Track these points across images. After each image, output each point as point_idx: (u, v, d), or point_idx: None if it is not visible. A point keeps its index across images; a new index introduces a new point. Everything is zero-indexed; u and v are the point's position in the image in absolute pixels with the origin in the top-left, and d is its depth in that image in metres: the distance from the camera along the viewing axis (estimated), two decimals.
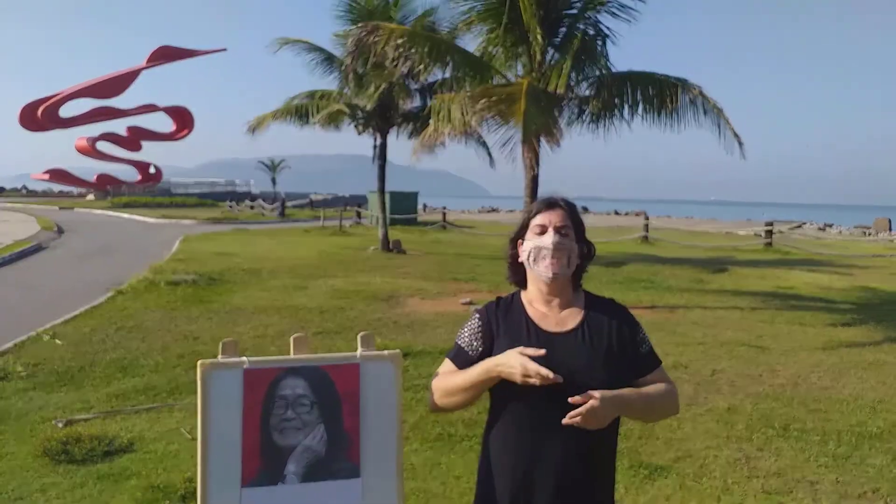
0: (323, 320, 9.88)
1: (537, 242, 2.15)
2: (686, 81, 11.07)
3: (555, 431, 2.01)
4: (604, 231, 30.81)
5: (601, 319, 2.16)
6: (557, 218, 2.16)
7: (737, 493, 4.53)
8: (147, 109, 62.24)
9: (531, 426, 2.06)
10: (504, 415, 2.13)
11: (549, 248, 2.12)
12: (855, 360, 8.14)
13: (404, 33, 11.05)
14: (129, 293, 11.76)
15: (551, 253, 2.12)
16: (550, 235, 2.13)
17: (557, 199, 2.23)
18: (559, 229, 2.15)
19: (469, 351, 2.19)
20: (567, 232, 2.16)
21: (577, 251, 2.18)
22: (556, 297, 2.19)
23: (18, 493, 4.34)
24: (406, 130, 20.55)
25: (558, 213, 2.18)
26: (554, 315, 2.17)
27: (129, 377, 6.93)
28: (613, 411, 1.97)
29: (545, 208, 2.20)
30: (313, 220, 39.56)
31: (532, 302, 2.21)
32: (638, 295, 12.85)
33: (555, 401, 1.99)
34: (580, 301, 2.22)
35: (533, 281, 2.22)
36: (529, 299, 2.23)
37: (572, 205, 2.24)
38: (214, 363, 2.09)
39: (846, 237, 33.91)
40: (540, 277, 2.16)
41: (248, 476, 2.07)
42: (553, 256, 2.12)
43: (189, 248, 20.55)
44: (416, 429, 5.58)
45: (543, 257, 2.13)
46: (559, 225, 2.15)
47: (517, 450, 2.08)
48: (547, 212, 2.19)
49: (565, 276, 2.17)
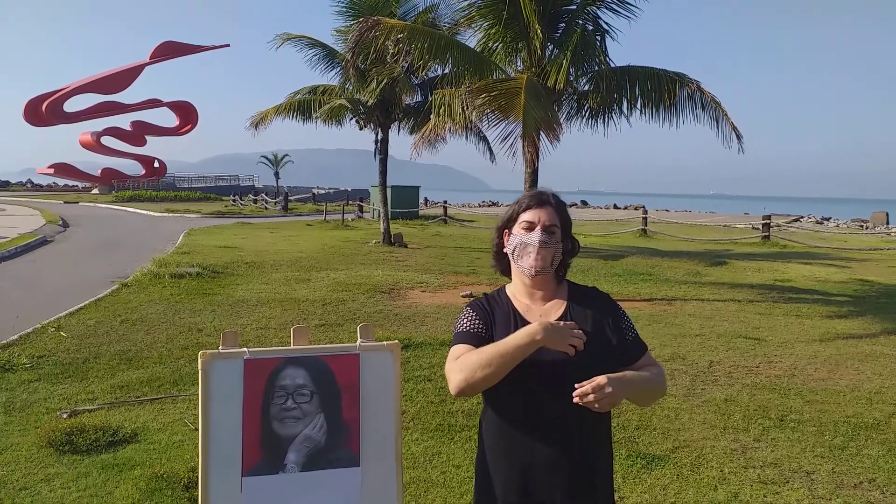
0: (325, 312, 9.93)
1: (524, 239, 2.16)
2: (684, 76, 11.08)
3: (549, 421, 2.04)
4: (603, 224, 30.83)
5: (584, 310, 2.17)
6: (546, 216, 2.17)
7: (733, 482, 4.56)
8: (151, 104, 62.27)
9: (526, 417, 2.08)
10: (498, 406, 2.15)
11: (534, 245, 2.14)
12: (851, 351, 8.18)
13: (405, 29, 11.06)
14: (133, 286, 11.83)
15: (536, 251, 2.13)
16: (538, 234, 2.14)
17: (548, 196, 2.23)
18: (547, 228, 2.16)
19: (476, 330, 2.16)
20: (554, 230, 2.17)
21: (561, 249, 2.19)
22: (539, 289, 2.21)
23: (23, 483, 4.39)
24: (407, 125, 20.60)
25: (547, 211, 2.18)
26: (538, 307, 2.19)
27: (134, 369, 6.99)
28: (622, 390, 1.95)
29: (535, 205, 2.20)
30: (316, 214, 39.63)
31: (516, 295, 2.24)
32: (636, 287, 12.89)
33: (548, 391, 2.02)
34: (563, 292, 2.24)
35: (516, 274, 2.24)
36: (513, 292, 2.25)
37: (562, 202, 2.24)
38: (215, 354, 2.13)
39: (844, 230, 33.85)
40: (522, 272, 2.18)
41: (248, 465, 2.10)
42: (538, 254, 2.13)
43: (193, 241, 20.61)
44: (416, 419, 5.63)
45: (528, 254, 2.15)
46: (548, 224, 2.16)
47: (514, 441, 2.10)
48: (536, 209, 2.19)
49: (547, 275, 2.19)
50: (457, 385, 2.04)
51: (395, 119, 20.45)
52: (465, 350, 2.09)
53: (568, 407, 1.98)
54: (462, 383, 2.02)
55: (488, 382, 2.01)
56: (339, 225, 29.23)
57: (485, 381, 2.00)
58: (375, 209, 33.62)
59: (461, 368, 2.04)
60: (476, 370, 1.99)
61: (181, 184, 69.43)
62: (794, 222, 42.70)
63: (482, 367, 1.98)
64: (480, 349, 2.04)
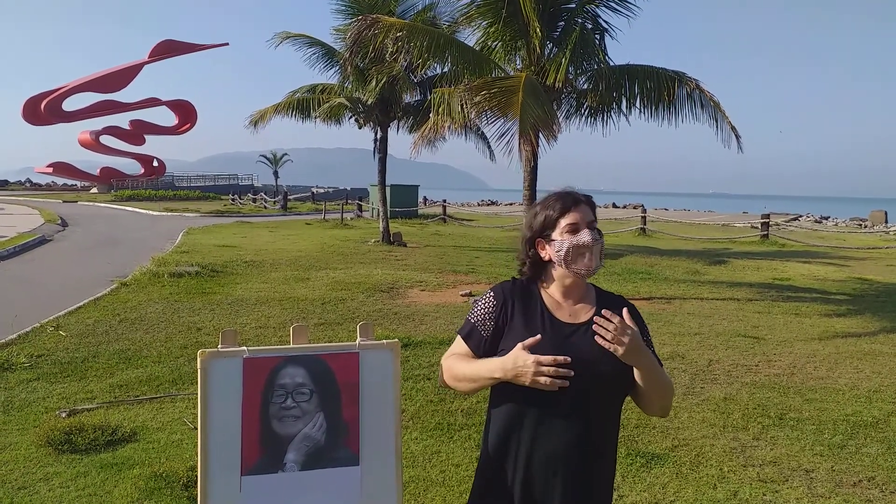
0: (324, 311, 9.93)
1: (575, 241, 2.12)
2: (683, 74, 11.08)
3: (558, 419, 2.04)
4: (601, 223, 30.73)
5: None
6: (587, 215, 2.17)
7: (733, 481, 4.57)
8: (150, 103, 62.23)
9: (534, 413, 2.07)
10: (506, 402, 2.13)
11: (589, 245, 2.11)
12: (850, 350, 8.19)
13: (403, 27, 11.04)
14: (132, 285, 11.82)
15: (591, 251, 2.12)
16: (587, 234, 2.12)
17: (578, 195, 2.22)
18: (591, 225, 2.15)
19: (482, 330, 2.17)
20: (595, 227, 2.17)
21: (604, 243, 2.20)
22: (576, 289, 2.20)
23: (22, 482, 4.39)
24: (406, 124, 20.59)
25: (586, 210, 2.17)
26: (568, 306, 2.18)
27: (133, 368, 6.99)
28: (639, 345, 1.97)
29: (572, 206, 2.18)
30: (315, 213, 39.64)
31: (548, 290, 2.22)
32: (635, 286, 12.90)
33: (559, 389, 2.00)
34: (591, 295, 2.24)
35: (559, 275, 2.20)
36: (549, 292, 2.22)
37: (593, 200, 2.23)
38: (214, 352, 2.12)
39: (842, 229, 33.89)
40: (578, 274, 2.15)
41: (248, 464, 2.09)
42: (592, 254, 2.12)
43: (192, 240, 20.61)
44: (415, 418, 5.64)
45: (583, 255, 2.12)
46: (590, 221, 2.16)
47: (519, 436, 2.08)
48: (575, 210, 2.16)
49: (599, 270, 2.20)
50: (440, 380, 2.28)
51: (395, 118, 20.42)
52: (461, 349, 2.21)
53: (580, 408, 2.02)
54: (442, 381, 2.25)
55: (465, 392, 2.22)
56: (338, 224, 29.24)
57: (461, 391, 2.21)
58: (374, 208, 33.62)
59: (446, 368, 2.23)
60: (452, 379, 2.19)
61: (180, 183, 69.44)
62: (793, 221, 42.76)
63: (456, 380, 2.17)
64: (464, 364, 2.16)
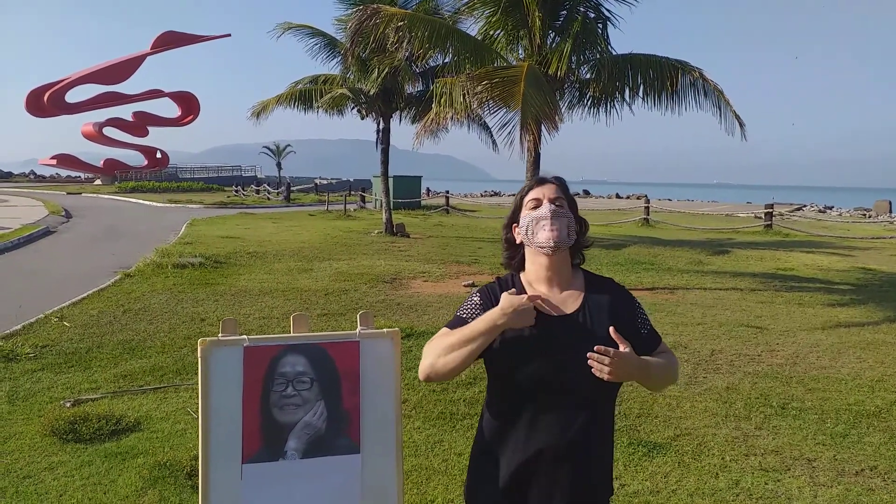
0: (327, 302, 9.94)
1: (534, 215, 2.13)
2: (687, 63, 11.02)
3: (553, 409, 2.03)
4: (605, 214, 30.79)
5: (601, 301, 2.13)
6: (550, 191, 2.16)
7: (735, 470, 4.58)
8: (153, 95, 62.12)
9: (530, 404, 2.06)
10: (502, 392, 2.13)
11: (546, 216, 2.10)
12: (853, 339, 8.18)
13: (405, 17, 10.99)
14: (136, 276, 11.84)
15: (549, 221, 2.09)
16: (546, 206, 2.12)
17: (548, 177, 2.23)
18: (553, 200, 2.13)
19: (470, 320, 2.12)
20: (561, 203, 2.14)
21: (573, 221, 2.16)
22: (556, 275, 2.14)
23: (27, 471, 4.41)
24: (409, 115, 20.55)
25: (550, 187, 2.17)
26: (554, 297, 2.13)
27: (136, 358, 7.01)
28: (636, 366, 1.97)
29: (536, 184, 2.19)
30: (318, 204, 39.62)
31: (532, 283, 2.18)
32: (639, 276, 12.89)
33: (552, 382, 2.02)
34: (579, 282, 2.19)
35: (532, 259, 2.18)
36: (528, 280, 2.19)
37: (563, 181, 2.23)
38: (215, 341, 2.13)
39: (846, 219, 33.80)
40: (541, 249, 2.11)
41: (249, 452, 2.11)
42: (552, 225, 2.09)
43: (195, 231, 20.62)
44: (418, 407, 5.65)
45: (543, 227, 2.10)
46: (553, 196, 2.14)
47: (514, 427, 2.08)
48: (539, 187, 2.18)
49: (566, 247, 2.13)
50: (423, 370, 2.06)
51: (397, 108, 20.38)
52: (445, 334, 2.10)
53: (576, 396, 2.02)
54: (428, 368, 2.04)
55: (452, 369, 2.02)
56: (341, 215, 29.23)
57: (447, 368, 2.02)
58: (377, 199, 33.59)
59: (428, 353, 2.06)
60: (441, 355, 2.02)
61: (183, 174, 69.49)
62: (797, 211, 42.65)
63: (453, 348, 2.00)
64: (455, 331, 2.05)
